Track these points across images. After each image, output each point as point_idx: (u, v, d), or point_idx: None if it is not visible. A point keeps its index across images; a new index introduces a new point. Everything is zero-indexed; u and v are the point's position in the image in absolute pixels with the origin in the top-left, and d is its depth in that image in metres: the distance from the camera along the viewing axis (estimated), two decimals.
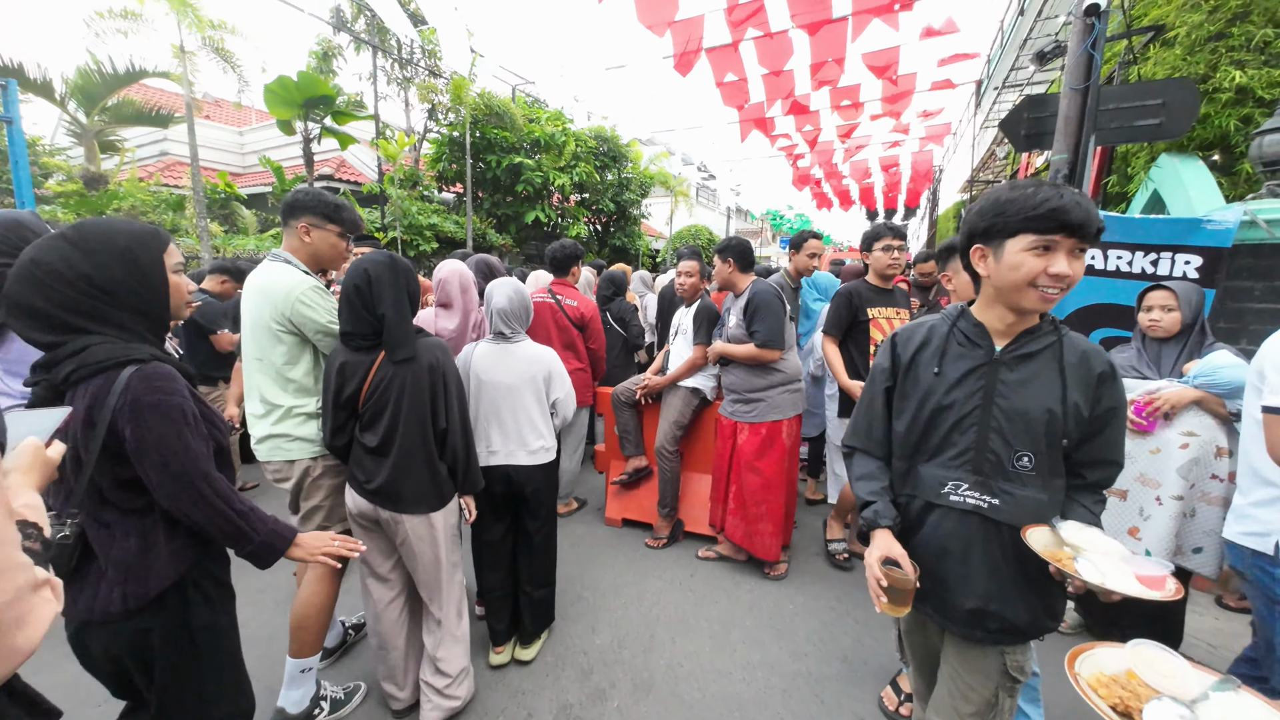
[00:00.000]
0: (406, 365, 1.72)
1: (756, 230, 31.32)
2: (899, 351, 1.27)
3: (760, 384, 2.78)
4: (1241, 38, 3.29)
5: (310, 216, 1.86)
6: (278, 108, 7.51)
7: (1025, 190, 1.03)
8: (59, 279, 1.02)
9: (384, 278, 1.69)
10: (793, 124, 11.25)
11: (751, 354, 2.72)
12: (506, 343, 2.17)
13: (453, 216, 9.32)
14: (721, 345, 2.83)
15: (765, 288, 2.75)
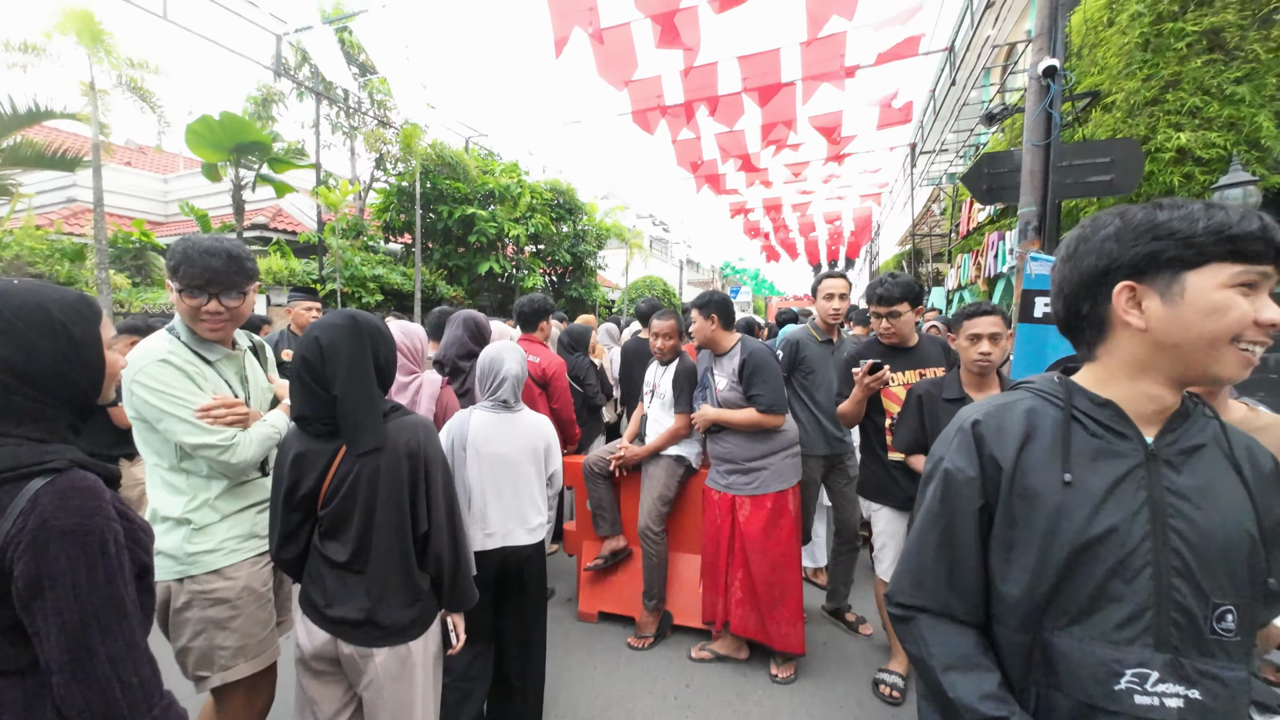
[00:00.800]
0: (375, 457, 1.35)
1: (708, 280, 32.22)
2: (991, 451, 0.82)
3: (761, 450, 2.46)
4: (1175, 103, 3.50)
5: (169, 274, 1.49)
6: (201, 149, 6.94)
7: (1196, 207, 0.72)
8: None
9: (340, 347, 1.34)
10: (743, 180, 11.69)
11: (754, 420, 2.42)
12: (508, 411, 2.02)
13: (400, 268, 8.82)
14: (716, 412, 2.50)
15: (759, 346, 2.50)
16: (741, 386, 2.45)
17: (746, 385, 2.44)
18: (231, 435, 1.48)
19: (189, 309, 1.48)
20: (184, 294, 1.46)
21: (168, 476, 1.50)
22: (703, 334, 2.57)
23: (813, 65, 6.86)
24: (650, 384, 3.03)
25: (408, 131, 7.68)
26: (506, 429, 2.01)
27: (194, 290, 1.45)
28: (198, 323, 1.50)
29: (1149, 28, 3.53)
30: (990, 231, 6.39)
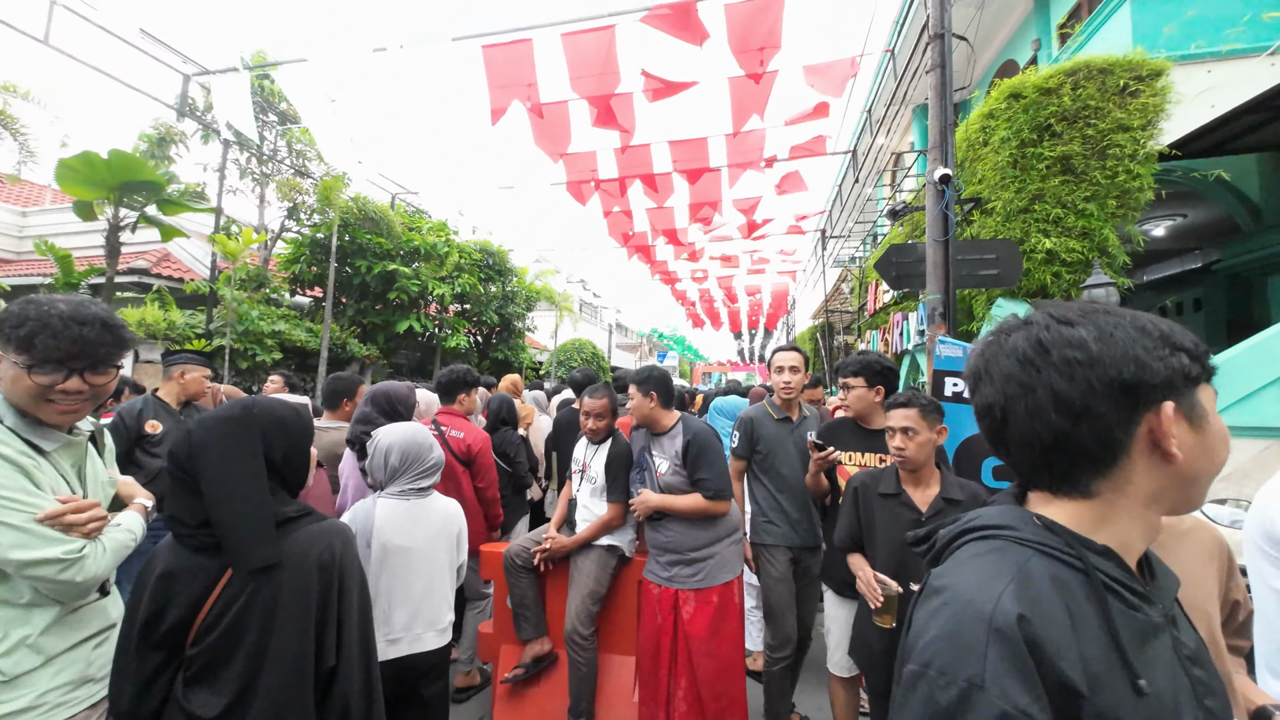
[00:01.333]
0: (274, 575, 1.10)
1: (636, 344, 32.78)
2: (1059, 667, 0.53)
3: (706, 539, 2.29)
4: (1042, 213, 4.06)
5: (7, 343, 1.18)
6: (76, 187, 6.13)
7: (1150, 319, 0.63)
8: None
9: (211, 441, 1.13)
10: (671, 252, 12.23)
11: (701, 508, 2.26)
12: (421, 498, 1.86)
13: (305, 323, 8.10)
14: (659, 498, 2.32)
15: (703, 426, 2.40)
16: (686, 470, 2.31)
17: (691, 469, 2.30)
18: (79, 546, 1.16)
19: (35, 388, 1.17)
20: (34, 370, 1.16)
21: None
22: (641, 412, 2.44)
23: (736, 154, 7.45)
24: (580, 463, 2.81)
25: (328, 183, 7.31)
26: (421, 517, 1.83)
27: (50, 365, 1.17)
28: (43, 404, 1.19)
29: (1016, 150, 4.14)
30: (895, 311, 7.01)
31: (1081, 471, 0.63)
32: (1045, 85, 4.04)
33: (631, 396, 2.44)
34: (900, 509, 1.87)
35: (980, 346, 0.70)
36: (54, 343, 1.16)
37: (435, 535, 1.85)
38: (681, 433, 2.39)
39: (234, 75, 5.90)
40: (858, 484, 2.03)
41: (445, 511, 1.92)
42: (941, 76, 3.77)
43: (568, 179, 7.80)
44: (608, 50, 5.07)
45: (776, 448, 2.61)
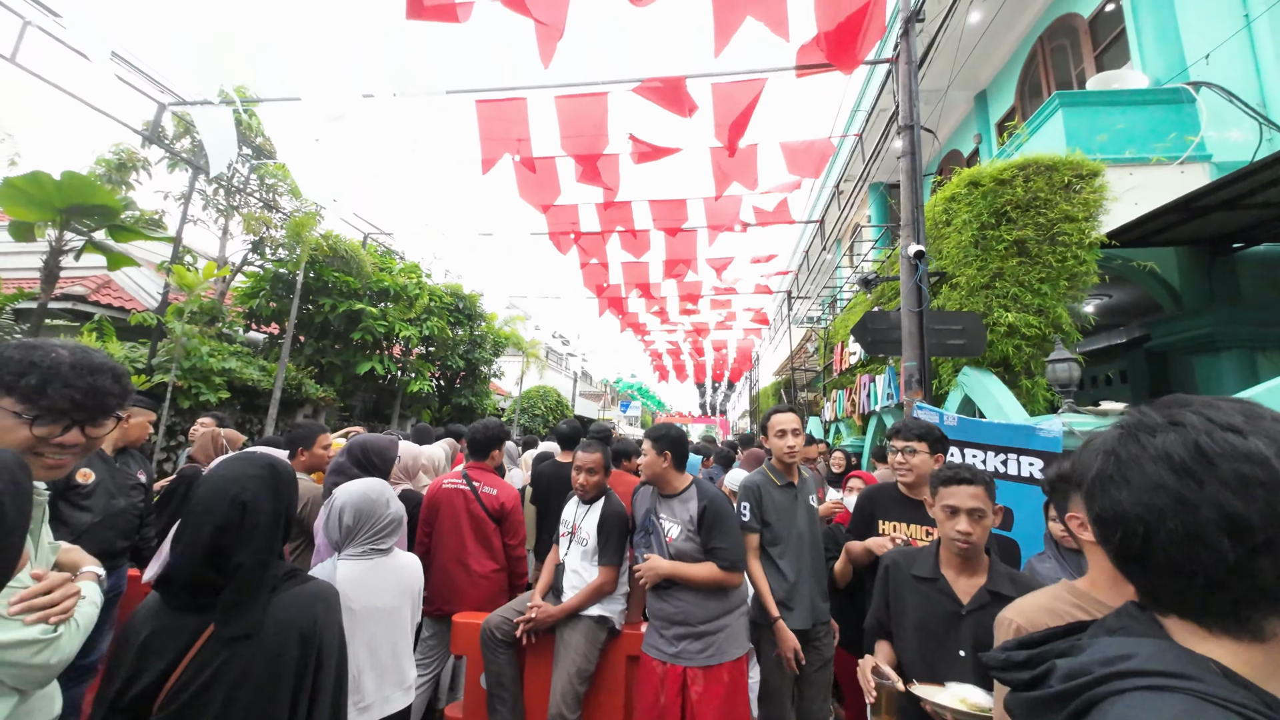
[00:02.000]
0: (246, 644, 1.05)
1: (599, 393, 32.57)
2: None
3: (717, 610, 2.18)
4: (1002, 290, 4.37)
5: (8, 392, 1.05)
6: (18, 207, 5.73)
7: None
8: None
9: (263, 508, 1.10)
10: (643, 305, 12.45)
11: (716, 578, 2.17)
12: (384, 556, 1.79)
13: (259, 361, 7.64)
14: (671, 566, 2.21)
15: (718, 492, 2.34)
16: (700, 536, 2.23)
17: (706, 536, 2.22)
18: (54, 626, 1.05)
19: (28, 440, 1.05)
20: (37, 421, 1.05)
21: None
22: (653, 471, 2.37)
23: (713, 216, 7.78)
24: (569, 524, 2.68)
25: (299, 220, 7.12)
26: (384, 576, 1.78)
27: (53, 416, 1.06)
28: (30, 459, 1.05)
29: (977, 232, 4.49)
30: (862, 373, 7.26)
31: (1255, 609, 0.52)
32: (1000, 176, 4.45)
33: (645, 454, 2.37)
34: (937, 596, 1.65)
35: (1106, 442, 0.61)
36: (66, 392, 1.06)
37: (401, 593, 1.80)
38: (696, 497, 2.32)
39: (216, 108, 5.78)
40: (889, 562, 1.83)
41: (409, 568, 1.87)
42: (912, 163, 4.09)
43: (550, 229, 7.92)
44: (599, 114, 5.29)
45: (784, 516, 2.44)
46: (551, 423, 17.80)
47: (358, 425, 3.81)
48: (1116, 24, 6.59)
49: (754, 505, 2.44)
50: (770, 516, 2.42)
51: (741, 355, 17.57)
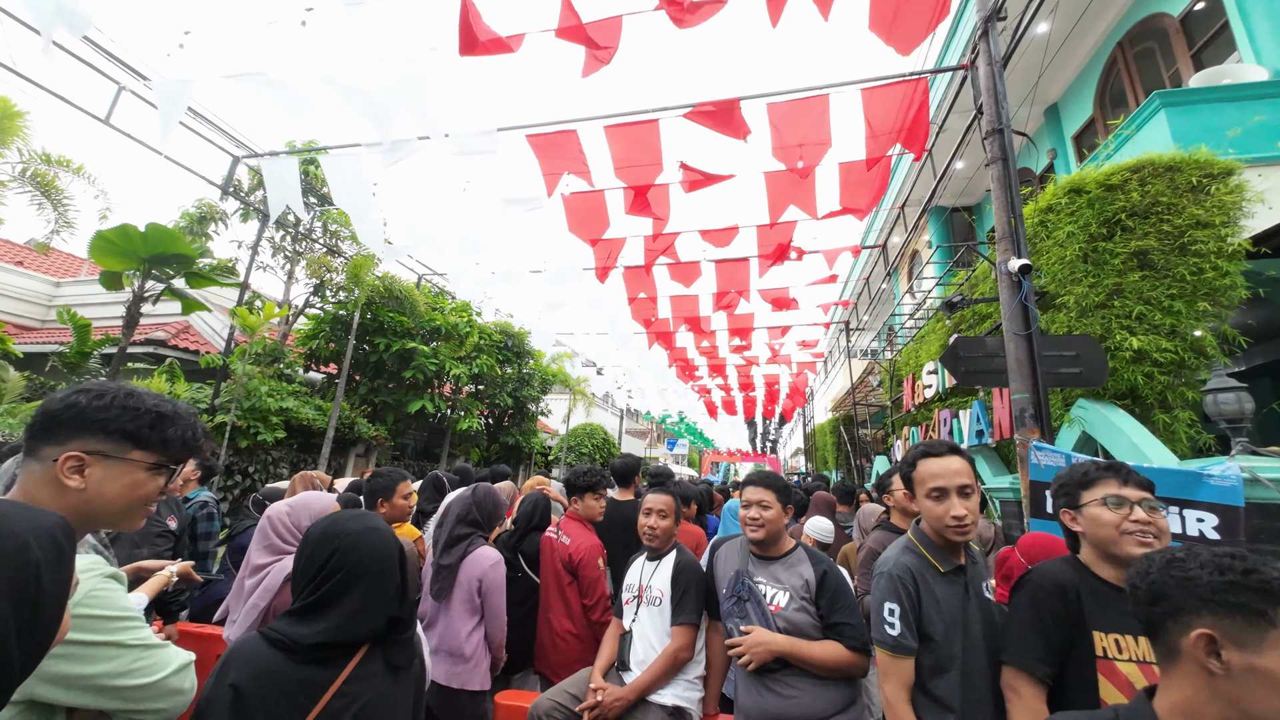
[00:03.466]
0: (402, 674, 1.20)
1: (645, 430, 32.05)
2: None
3: (840, 702, 1.73)
4: (1123, 309, 3.76)
5: (93, 437, 0.98)
6: (108, 258, 6.11)
7: None
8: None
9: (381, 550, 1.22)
10: (692, 340, 12.11)
11: (844, 661, 1.73)
12: None
13: (315, 401, 7.76)
14: (788, 642, 1.76)
15: (828, 558, 1.94)
16: (819, 608, 1.81)
17: (829, 608, 1.80)
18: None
19: (148, 491, 1.03)
20: (159, 469, 1.03)
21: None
22: (775, 528, 1.96)
23: (766, 245, 7.45)
24: (634, 587, 2.28)
25: (358, 261, 7.31)
26: None
27: (175, 464, 1.07)
28: (143, 510, 1.04)
29: (1085, 244, 3.93)
30: (940, 408, 6.56)
31: None
32: (1109, 181, 3.91)
33: (768, 506, 1.97)
34: None
35: None
36: (183, 436, 1.06)
37: None
38: (808, 560, 1.91)
39: (283, 159, 6.05)
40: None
41: None
42: (1005, 169, 3.64)
43: (596, 264, 7.81)
44: (650, 142, 5.14)
45: (953, 623, 1.46)
46: (598, 460, 17.45)
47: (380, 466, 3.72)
48: (1215, 19, 5.98)
49: (909, 607, 1.47)
50: (933, 625, 1.46)
51: (794, 390, 16.80)
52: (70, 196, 5.52)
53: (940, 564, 1.53)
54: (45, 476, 0.94)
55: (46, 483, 0.94)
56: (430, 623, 2.25)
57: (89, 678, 0.91)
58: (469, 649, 2.18)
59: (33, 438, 0.96)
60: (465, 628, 2.20)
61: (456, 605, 2.22)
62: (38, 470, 0.94)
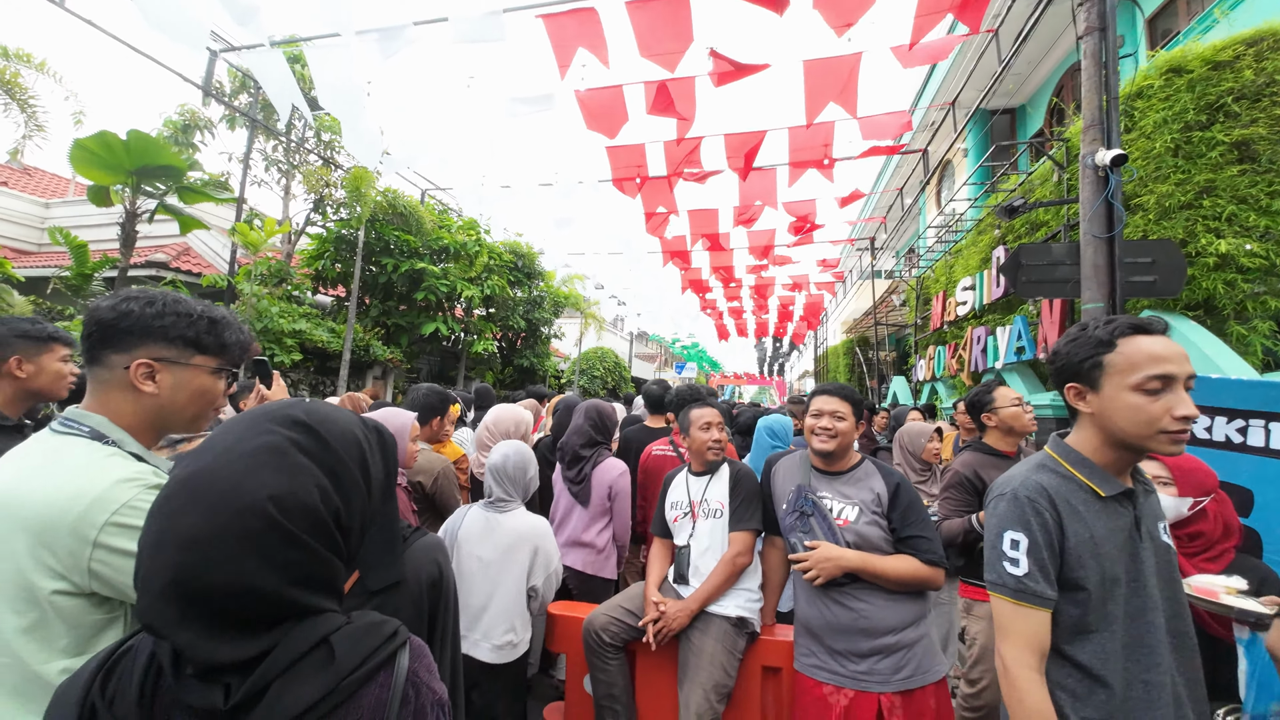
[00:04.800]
0: (391, 594, 1.02)
1: (653, 354, 32.15)
2: None
3: (911, 616, 1.68)
4: (1212, 209, 3.38)
5: (157, 344, 1.00)
6: (91, 170, 5.70)
7: None
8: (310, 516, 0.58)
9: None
10: (707, 259, 11.64)
11: (919, 577, 1.66)
12: (496, 511, 1.98)
13: (327, 323, 7.59)
14: (859, 557, 1.68)
15: (901, 474, 1.80)
16: (890, 522, 1.72)
17: (901, 522, 1.71)
18: None
19: (215, 395, 1.08)
20: (220, 373, 1.08)
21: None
22: (847, 440, 1.83)
23: (799, 151, 6.84)
24: (683, 503, 2.18)
25: (358, 173, 6.82)
26: (493, 531, 1.93)
27: (235, 367, 1.13)
28: (211, 415, 1.10)
29: (1179, 134, 3.48)
30: (974, 326, 6.30)
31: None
32: (1217, 58, 3.37)
33: (842, 417, 1.82)
34: None
35: None
36: (239, 339, 1.09)
37: (503, 550, 1.90)
38: (877, 473, 1.80)
39: (265, 52, 5.44)
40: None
41: (517, 528, 1.93)
42: (1101, 41, 3.13)
43: (614, 174, 7.26)
44: (679, 18, 4.49)
45: (1111, 565, 1.08)
46: (610, 384, 17.57)
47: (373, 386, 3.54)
48: None
49: (1044, 540, 1.09)
50: (1083, 569, 1.08)
51: (809, 311, 16.45)
52: (35, 95, 5.01)
53: (1101, 486, 1.11)
54: (118, 383, 0.97)
55: (121, 389, 0.97)
56: (563, 521, 2.57)
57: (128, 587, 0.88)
58: (600, 543, 2.52)
59: (94, 347, 0.97)
60: (597, 526, 2.53)
61: (592, 507, 2.52)
62: (108, 377, 0.97)
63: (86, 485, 0.87)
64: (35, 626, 0.82)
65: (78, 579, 0.84)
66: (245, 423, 0.62)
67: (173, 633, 0.52)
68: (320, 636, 0.57)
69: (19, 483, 0.87)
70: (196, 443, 1.94)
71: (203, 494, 0.54)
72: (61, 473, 0.88)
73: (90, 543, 0.83)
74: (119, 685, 0.56)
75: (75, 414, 0.96)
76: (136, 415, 0.99)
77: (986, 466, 2.10)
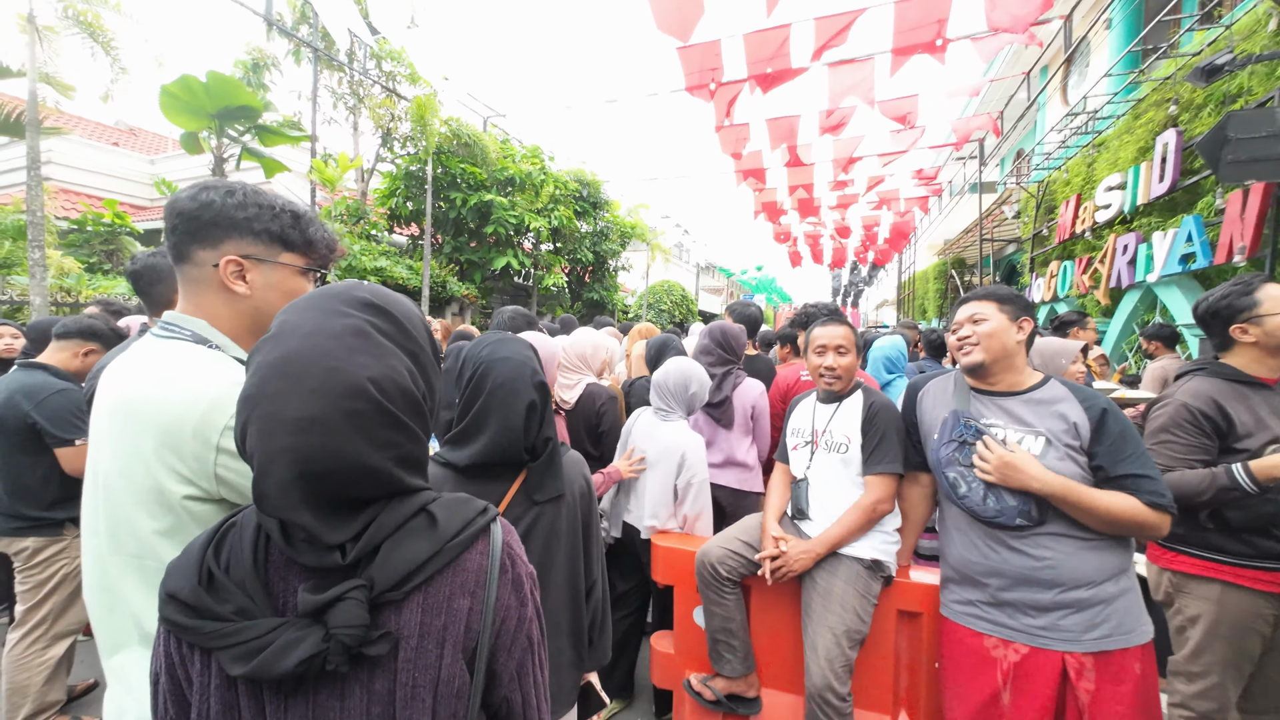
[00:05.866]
0: (551, 505, 1.21)
1: (719, 287, 31.16)
2: None
3: (1113, 568, 1.34)
4: None
5: (243, 240, 0.92)
6: (179, 115, 5.87)
7: None
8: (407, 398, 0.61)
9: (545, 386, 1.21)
10: (785, 177, 10.65)
11: (1138, 519, 1.28)
12: (660, 419, 2.20)
13: (405, 261, 7.73)
14: (1063, 484, 1.31)
15: (1108, 398, 1.39)
16: (1093, 457, 1.34)
17: (1111, 456, 1.32)
18: None
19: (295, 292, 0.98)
20: (309, 273, 1.00)
21: None
22: (997, 344, 1.43)
23: (902, 33, 5.80)
24: (805, 431, 1.93)
25: (421, 102, 6.60)
26: (654, 434, 2.17)
27: (324, 267, 1.03)
28: None
29: None
30: (1120, 234, 5.31)
31: None
32: None
33: (981, 319, 1.45)
34: None
35: None
36: (324, 236, 1.01)
37: (657, 453, 2.13)
38: (1074, 397, 1.40)
39: None
40: None
41: (668, 438, 2.13)
42: None
43: (687, 81, 6.56)
44: None
45: None
46: (678, 317, 17.24)
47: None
48: None
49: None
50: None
51: (895, 233, 14.94)
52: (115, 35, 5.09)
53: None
54: (209, 282, 0.91)
55: (213, 289, 0.91)
56: (710, 442, 2.54)
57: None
58: (750, 460, 2.56)
59: (179, 243, 0.91)
60: (744, 445, 2.56)
61: (736, 428, 2.54)
62: (197, 276, 0.91)
63: (202, 388, 0.84)
64: (173, 530, 0.81)
65: (206, 484, 0.82)
66: (317, 305, 0.59)
67: (295, 514, 0.53)
68: (419, 507, 0.60)
69: (137, 386, 0.85)
70: None
71: (304, 378, 0.54)
72: (177, 375, 0.85)
73: (214, 447, 0.81)
74: (231, 554, 0.57)
75: (175, 318, 0.92)
76: (233, 319, 0.94)
77: (1233, 398, 1.55)
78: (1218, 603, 1.55)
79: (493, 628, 0.61)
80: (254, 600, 0.55)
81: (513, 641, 0.64)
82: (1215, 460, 1.53)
